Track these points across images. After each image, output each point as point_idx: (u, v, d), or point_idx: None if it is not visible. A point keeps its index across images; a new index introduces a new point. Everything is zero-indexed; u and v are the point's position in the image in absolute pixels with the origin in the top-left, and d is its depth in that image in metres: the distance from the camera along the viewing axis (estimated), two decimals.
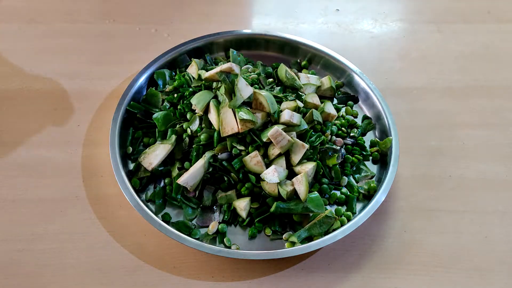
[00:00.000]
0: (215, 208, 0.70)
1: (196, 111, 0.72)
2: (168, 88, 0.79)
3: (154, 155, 0.71)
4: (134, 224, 0.68)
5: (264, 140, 0.67)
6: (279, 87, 0.77)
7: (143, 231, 0.68)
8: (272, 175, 0.66)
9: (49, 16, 0.94)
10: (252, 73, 0.79)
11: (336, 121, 0.78)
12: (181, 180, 0.67)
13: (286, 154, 0.69)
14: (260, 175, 0.67)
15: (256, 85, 0.75)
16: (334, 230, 0.67)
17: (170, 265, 0.66)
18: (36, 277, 0.64)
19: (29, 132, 0.77)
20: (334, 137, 0.75)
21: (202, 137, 0.70)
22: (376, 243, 0.69)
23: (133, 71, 0.84)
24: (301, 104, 0.74)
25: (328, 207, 0.71)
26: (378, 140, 0.79)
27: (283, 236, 0.68)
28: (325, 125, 0.75)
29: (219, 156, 0.69)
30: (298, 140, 0.69)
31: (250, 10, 0.78)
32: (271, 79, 0.80)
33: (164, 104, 0.78)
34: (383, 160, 0.76)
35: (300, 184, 0.67)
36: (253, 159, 0.68)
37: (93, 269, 0.65)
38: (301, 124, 0.70)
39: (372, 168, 0.76)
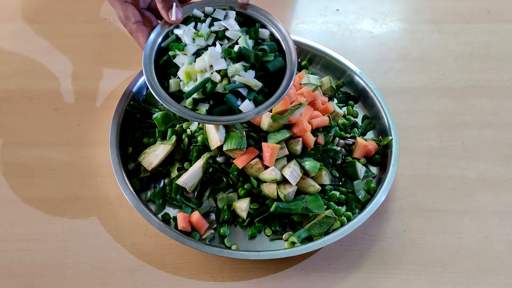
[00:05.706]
0: (211, 212, 0.70)
1: None
2: None
3: (154, 155, 0.70)
4: (134, 224, 0.68)
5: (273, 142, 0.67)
6: None
7: (143, 231, 0.68)
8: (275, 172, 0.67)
9: (49, 16, 0.94)
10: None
11: (338, 121, 0.78)
12: (180, 181, 0.67)
13: (289, 156, 0.69)
14: (259, 175, 0.67)
15: None
16: (334, 230, 0.67)
17: (170, 265, 0.66)
18: (36, 277, 0.64)
19: (29, 132, 0.77)
20: (337, 139, 0.75)
21: (199, 138, 0.70)
22: (376, 243, 0.69)
23: (133, 71, 0.84)
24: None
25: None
26: (378, 140, 0.78)
27: (283, 236, 0.68)
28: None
29: (217, 159, 0.69)
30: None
31: None
32: None
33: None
34: (383, 160, 0.76)
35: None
36: (254, 167, 0.68)
37: (93, 269, 0.65)
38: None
39: (372, 168, 0.76)
